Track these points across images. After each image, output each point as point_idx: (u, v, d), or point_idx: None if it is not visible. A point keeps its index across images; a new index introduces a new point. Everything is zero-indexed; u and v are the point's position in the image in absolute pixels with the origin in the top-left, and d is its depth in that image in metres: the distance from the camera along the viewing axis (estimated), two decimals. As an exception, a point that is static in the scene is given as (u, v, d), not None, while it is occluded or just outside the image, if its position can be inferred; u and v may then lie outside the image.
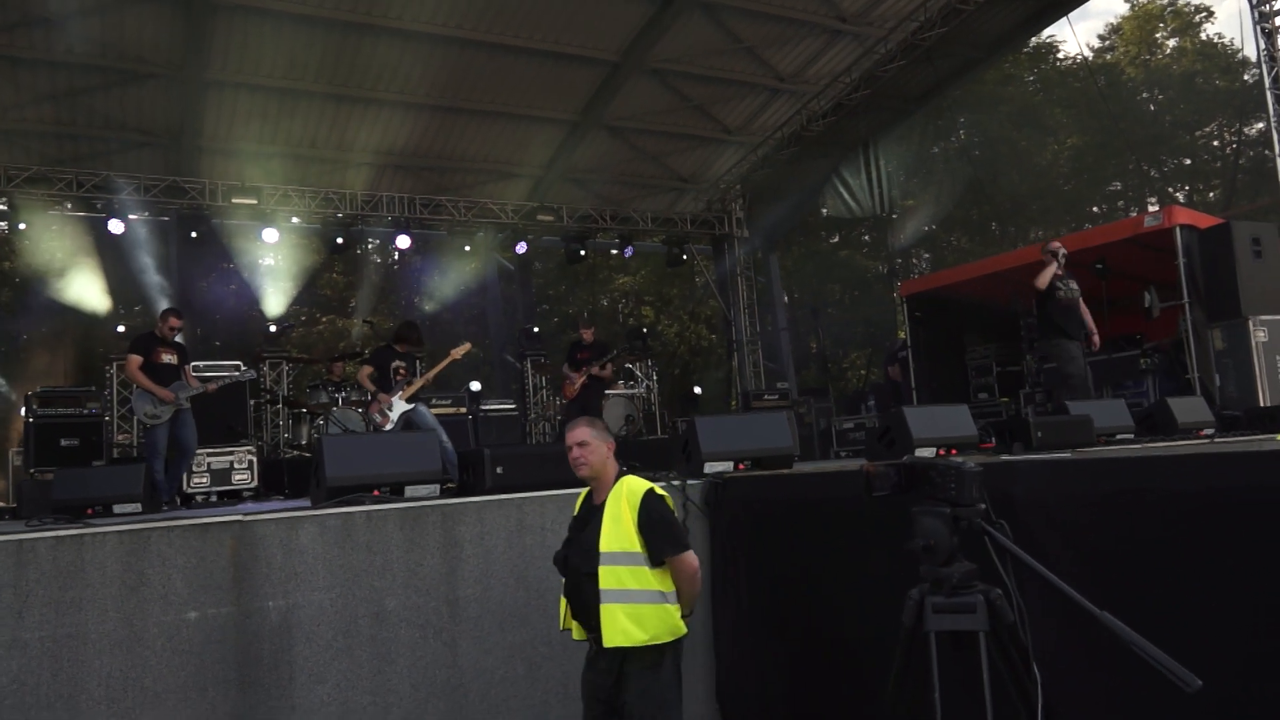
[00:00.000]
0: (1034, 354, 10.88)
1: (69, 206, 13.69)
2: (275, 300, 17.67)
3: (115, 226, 12.85)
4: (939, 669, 1.94)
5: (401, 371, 8.24)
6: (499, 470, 4.84)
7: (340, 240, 14.45)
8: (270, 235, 13.84)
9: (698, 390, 16.33)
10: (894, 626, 4.01)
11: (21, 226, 12.99)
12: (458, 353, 8.54)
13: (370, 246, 23.45)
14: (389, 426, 7.91)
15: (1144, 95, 26.32)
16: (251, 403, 11.54)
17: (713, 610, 5.11)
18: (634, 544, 3.46)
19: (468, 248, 15.82)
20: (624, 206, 16.20)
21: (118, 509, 5.75)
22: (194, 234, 13.28)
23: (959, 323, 12.32)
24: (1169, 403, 7.18)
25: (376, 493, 4.66)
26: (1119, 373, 9.60)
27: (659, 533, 3.48)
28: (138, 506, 5.80)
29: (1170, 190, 25.48)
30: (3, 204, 12.81)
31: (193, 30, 11.20)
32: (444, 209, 14.78)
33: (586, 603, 3.51)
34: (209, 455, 9.38)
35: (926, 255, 26.77)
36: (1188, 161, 26.54)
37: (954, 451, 5.96)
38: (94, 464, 9.17)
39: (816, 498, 4.66)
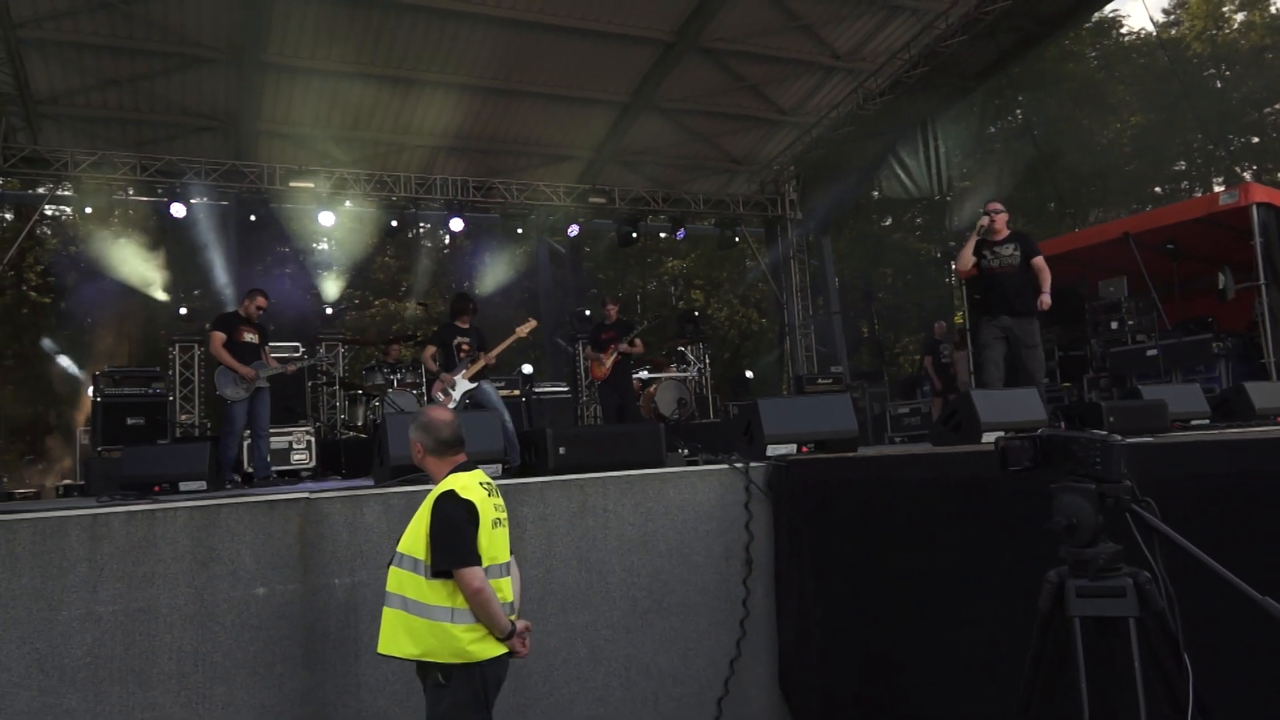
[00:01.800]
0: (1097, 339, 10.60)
1: (131, 191, 13.98)
2: (330, 284, 17.92)
3: (177, 210, 13.05)
4: (1065, 657, 1.83)
5: (465, 349, 8.09)
6: (562, 451, 4.81)
7: (395, 223, 14.54)
8: (326, 218, 13.96)
9: (749, 374, 16.19)
10: (969, 613, 3.91)
11: (87, 210, 13.25)
12: (523, 330, 8.44)
13: (422, 230, 23.68)
14: (451, 405, 7.76)
15: (1210, 71, 25.45)
16: (309, 384, 11.71)
17: (776, 595, 5.04)
18: (420, 549, 3.12)
19: (520, 230, 15.82)
20: (676, 188, 16.07)
21: (184, 486, 5.84)
22: (253, 217, 13.47)
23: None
24: (1246, 387, 6.92)
25: (440, 472, 4.64)
26: (1190, 357, 9.27)
27: (438, 540, 3.09)
28: (203, 484, 5.89)
29: (1237, 169, 24.63)
30: (68, 189, 13.06)
31: (250, 13, 11.29)
32: (496, 191, 14.79)
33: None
34: (271, 435, 9.50)
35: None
36: (1255, 140, 25.64)
37: (1023, 436, 5.80)
38: (159, 442, 9.34)
39: (885, 479, 4.56)
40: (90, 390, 11.07)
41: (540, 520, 4.66)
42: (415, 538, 3.15)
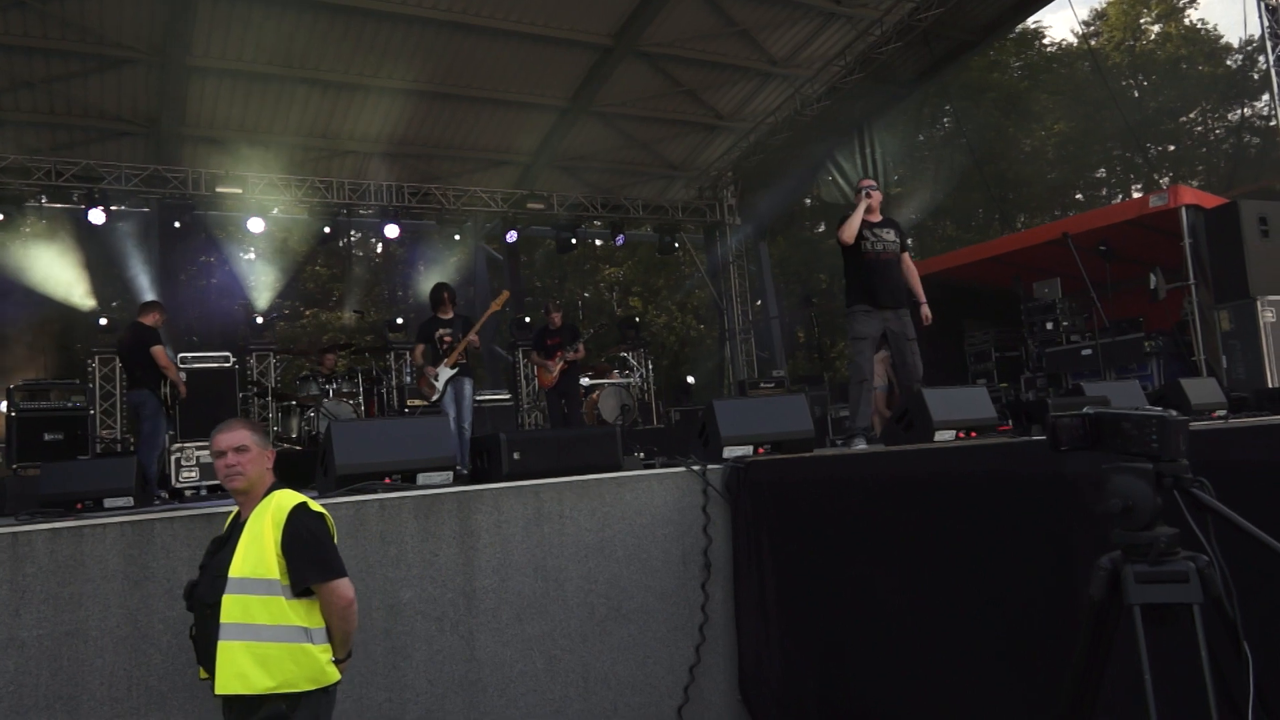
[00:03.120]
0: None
1: (44, 199, 13.35)
2: (259, 293, 17.38)
3: (96, 217, 12.50)
4: (1113, 648, 1.75)
5: (446, 339, 8.10)
6: (516, 456, 4.66)
7: (328, 230, 14.16)
8: (255, 225, 13.51)
9: (690, 380, 16.16)
10: (931, 613, 3.88)
11: (-1, 217, 12.62)
12: (497, 303, 8.57)
13: (354, 239, 23.19)
14: (435, 397, 7.89)
15: (1128, 81, 26.36)
16: (240, 395, 11.30)
17: (735, 598, 4.96)
18: (271, 569, 2.85)
19: (457, 237, 15.57)
20: (615, 194, 16.00)
21: (109, 503, 5.53)
22: (176, 224, 12.97)
23: (956, 308, 12.20)
24: (1182, 384, 7.07)
25: (388, 480, 4.47)
26: (1124, 356, 9.51)
27: (305, 554, 2.88)
28: (129, 500, 5.58)
29: (1155, 177, 25.55)
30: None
31: (174, 13, 10.90)
32: (432, 197, 14.53)
33: (208, 641, 2.86)
34: (197, 449, 9.13)
35: (910, 242, 26.67)
36: (1172, 148, 26.63)
37: (974, 435, 5.83)
38: (80, 458, 8.90)
39: (844, 479, 4.50)
40: (4, 405, 10.53)
41: (495, 528, 4.50)
42: (256, 559, 2.85)
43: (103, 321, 13.00)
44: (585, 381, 12.19)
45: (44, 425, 9.62)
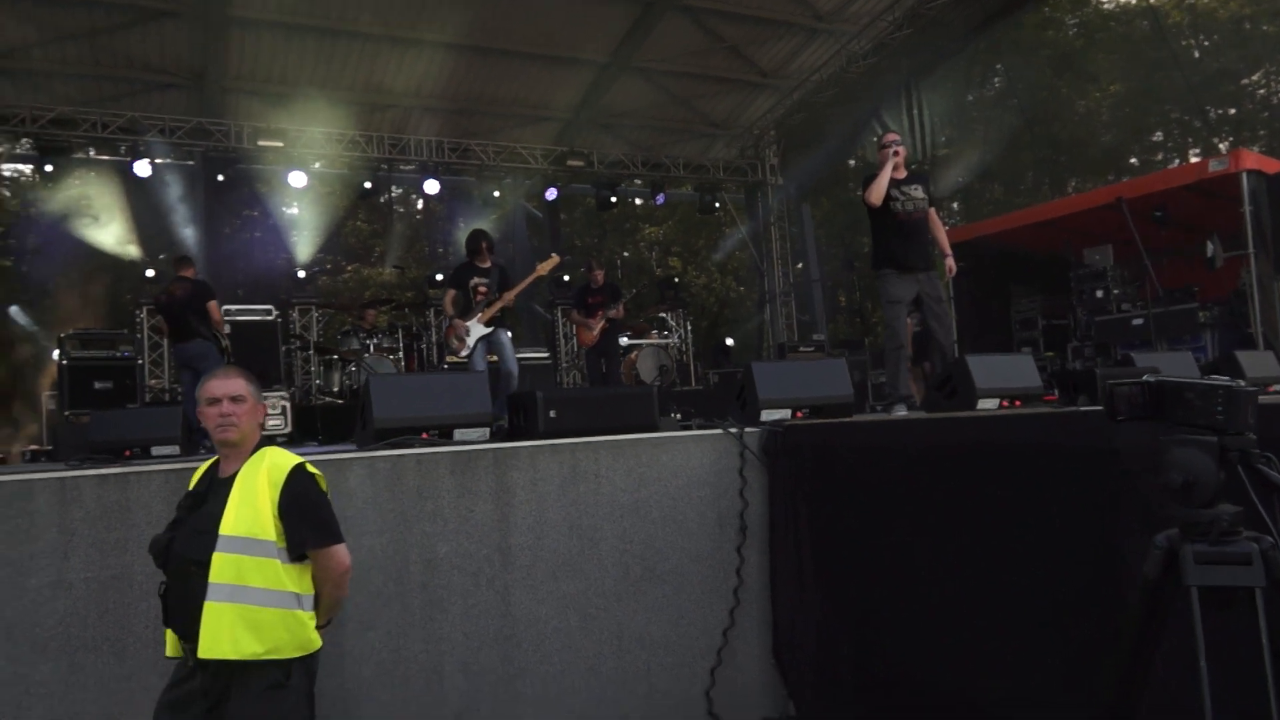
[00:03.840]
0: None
1: (93, 151, 13.52)
2: (301, 248, 17.52)
3: (141, 169, 12.65)
4: (1172, 631, 1.68)
5: (482, 291, 7.50)
6: (552, 414, 4.65)
7: (368, 185, 14.20)
8: (297, 179, 13.59)
9: (730, 342, 16.06)
10: (970, 581, 3.83)
11: (47, 169, 12.80)
12: (544, 267, 7.79)
13: (395, 195, 23.23)
14: (464, 353, 7.34)
15: (1188, 41, 25.40)
16: (283, 349, 11.44)
17: (771, 563, 4.94)
18: (268, 530, 2.72)
19: (496, 194, 15.51)
20: (655, 152, 15.83)
21: (156, 450, 5.63)
22: (220, 177, 13.08)
23: (1003, 274, 11.95)
24: (1238, 356, 6.87)
25: (425, 435, 4.48)
26: (1177, 326, 9.24)
27: (306, 517, 2.78)
28: (176, 449, 5.68)
29: (1215, 141, 24.71)
30: (29, 147, 12.58)
31: (217, -37, 10.88)
32: (472, 153, 14.49)
33: (189, 600, 2.66)
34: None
35: (956, 206, 26.14)
36: (1233, 111, 25.69)
37: (1018, 404, 5.72)
38: (128, 406, 9.08)
39: (884, 445, 4.44)
40: (55, 354, 10.75)
41: (530, 485, 4.51)
42: (251, 518, 2.71)
43: (150, 273, 13.20)
44: (624, 341, 12.16)
45: (94, 374, 9.81)
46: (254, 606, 2.66)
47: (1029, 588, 3.49)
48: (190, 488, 2.95)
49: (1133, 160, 26.27)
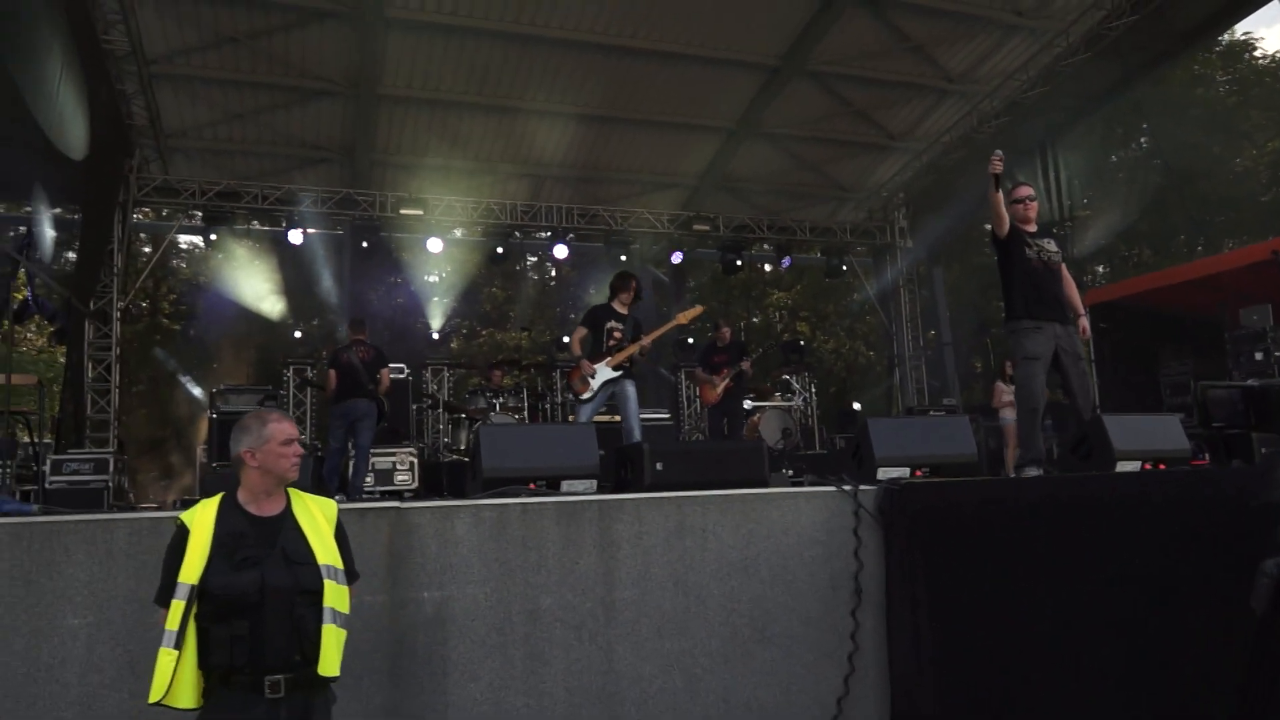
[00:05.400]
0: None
1: (255, 223, 14.58)
2: (438, 312, 18.28)
3: (295, 237, 13.52)
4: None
5: (616, 335, 7.17)
6: (659, 467, 4.60)
7: (500, 250, 14.72)
8: (434, 245, 14.25)
9: (857, 406, 15.67)
10: (1104, 649, 3.52)
11: (213, 238, 13.87)
12: (684, 317, 7.57)
13: (529, 263, 24.01)
14: (586, 395, 7.02)
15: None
16: (414, 407, 11.84)
17: (887, 628, 4.69)
18: (338, 560, 2.93)
19: (623, 258, 15.80)
20: (781, 216, 15.82)
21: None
22: (364, 244, 13.83)
23: (1150, 336, 11.25)
24: None
25: (532, 485, 4.51)
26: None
27: (346, 552, 3.01)
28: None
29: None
30: (198, 219, 13.66)
31: (366, 47, 11.65)
32: (600, 219, 14.84)
33: (300, 629, 2.78)
34: (374, 455, 9.60)
35: (1101, 269, 24.95)
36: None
37: (1161, 466, 5.31)
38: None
39: (1014, 502, 4.18)
40: (208, 409, 11.44)
41: (635, 539, 4.45)
42: (329, 549, 2.93)
43: (297, 334, 13.97)
44: (748, 404, 12.03)
45: (239, 427, 10.36)
46: (342, 629, 2.88)
47: (1172, 662, 3.17)
48: (212, 530, 2.86)
49: (1296, 220, 24.52)
